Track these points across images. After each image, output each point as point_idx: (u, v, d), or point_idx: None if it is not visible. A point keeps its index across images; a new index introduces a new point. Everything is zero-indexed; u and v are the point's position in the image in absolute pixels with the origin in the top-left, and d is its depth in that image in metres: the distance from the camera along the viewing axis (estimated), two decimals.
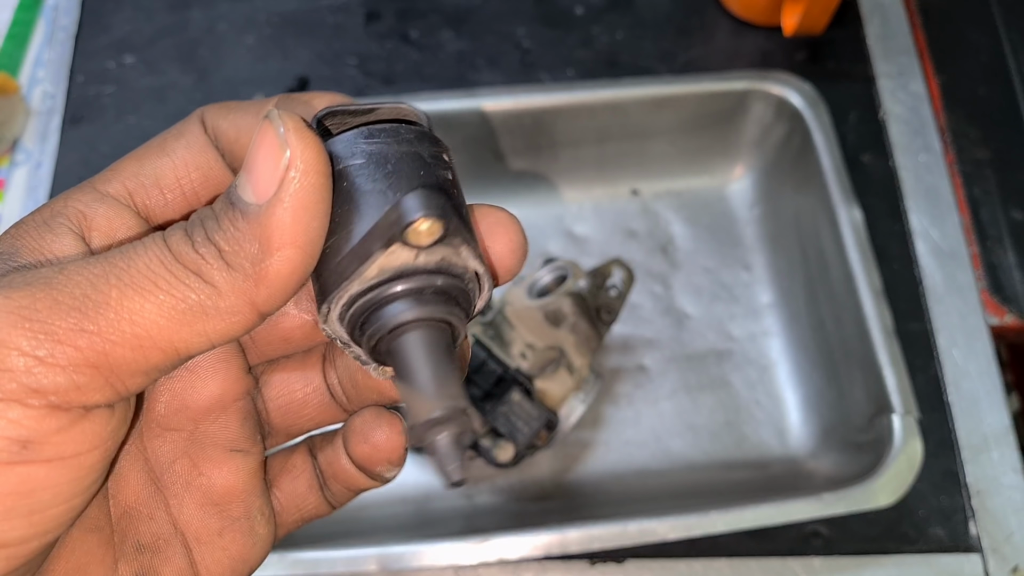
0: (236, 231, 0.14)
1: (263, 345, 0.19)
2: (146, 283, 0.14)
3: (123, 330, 0.14)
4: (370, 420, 0.18)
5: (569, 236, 0.54)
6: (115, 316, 0.14)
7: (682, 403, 0.49)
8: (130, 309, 0.14)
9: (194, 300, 0.14)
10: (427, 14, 0.57)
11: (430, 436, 0.15)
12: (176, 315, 0.14)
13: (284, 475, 0.19)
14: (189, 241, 0.14)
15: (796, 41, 0.55)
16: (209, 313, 0.14)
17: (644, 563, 0.42)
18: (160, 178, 0.17)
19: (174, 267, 0.14)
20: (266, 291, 0.14)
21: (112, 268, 0.14)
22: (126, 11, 0.57)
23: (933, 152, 0.52)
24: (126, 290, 0.14)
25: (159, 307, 0.14)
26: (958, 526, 0.43)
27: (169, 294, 0.14)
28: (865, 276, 0.45)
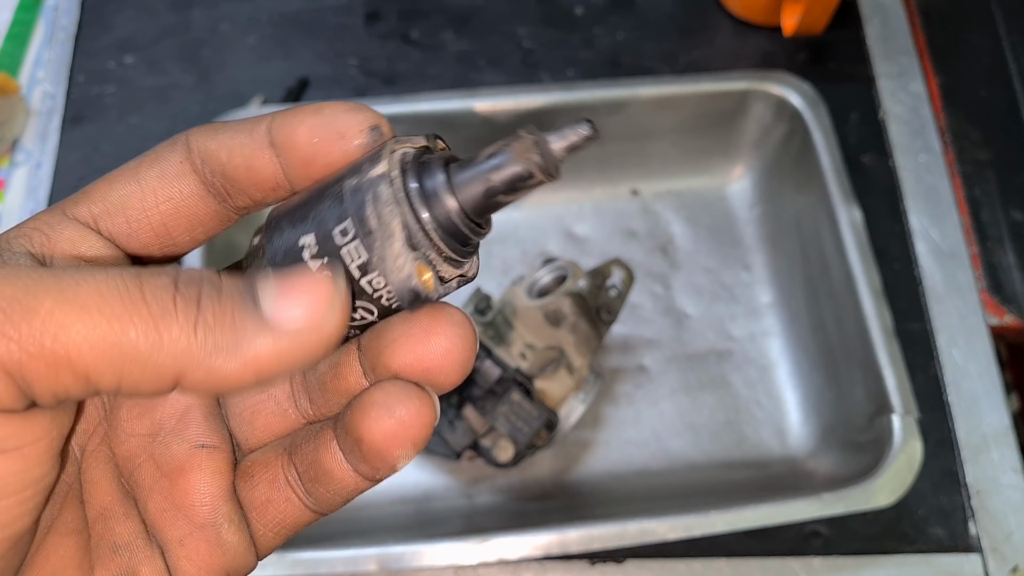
0: (229, 316, 0.14)
1: None
2: (89, 303, 0.13)
3: (43, 344, 0.13)
4: (397, 392, 0.16)
5: (569, 236, 0.54)
6: (40, 327, 0.13)
7: (682, 403, 0.49)
8: (58, 324, 0.13)
9: (131, 340, 0.13)
10: (429, 14, 0.57)
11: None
12: (103, 346, 0.13)
13: (259, 481, 0.18)
14: (172, 288, 0.14)
15: (796, 42, 0.55)
16: (138, 360, 0.13)
17: (644, 563, 0.42)
18: (126, 206, 0.16)
19: (131, 300, 0.13)
20: (201, 377, 0.14)
21: (57, 280, 0.13)
22: (127, 11, 0.57)
23: (933, 152, 0.52)
24: (63, 304, 0.13)
25: (89, 331, 0.13)
26: (958, 526, 0.43)
27: (108, 322, 0.13)
28: (865, 276, 0.45)
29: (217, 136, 0.17)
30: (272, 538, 0.18)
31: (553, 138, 0.15)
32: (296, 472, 0.18)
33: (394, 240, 0.15)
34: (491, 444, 0.41)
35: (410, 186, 0.15)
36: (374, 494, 0.47)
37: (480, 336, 0.41)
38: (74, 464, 0.17)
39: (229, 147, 0.17)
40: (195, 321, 0.13)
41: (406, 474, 0.47)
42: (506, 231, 0.54)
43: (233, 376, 0.14)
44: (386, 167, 0.15)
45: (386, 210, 0.15)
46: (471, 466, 0.47)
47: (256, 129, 0.17)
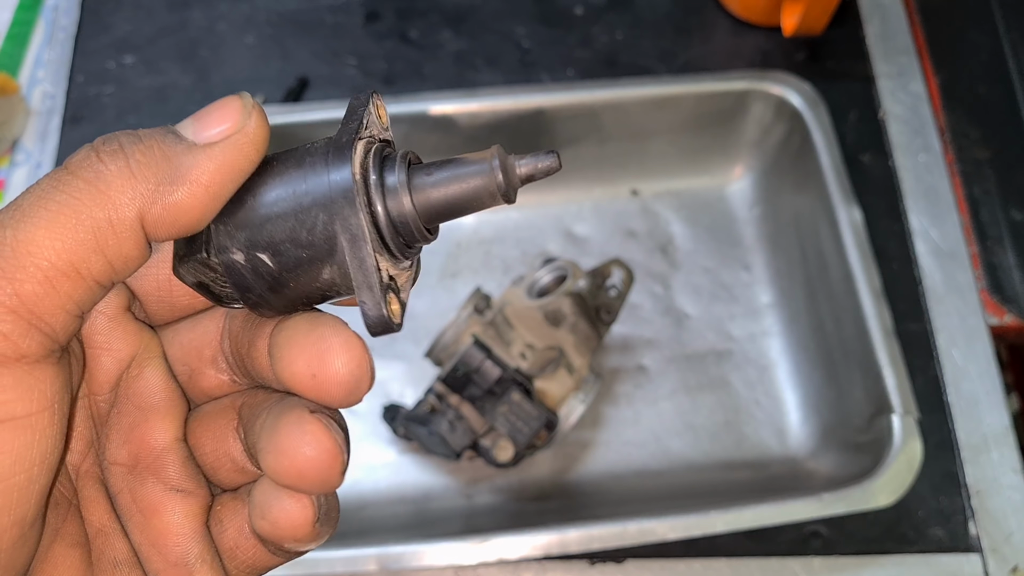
0: (157, 150, 0.15)
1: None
2: (38, 210, 0.14)
3: (24, 265, 0.13)
4: (270, 492, 0.16)
5: (569, 236, 0.54)
6: (12, 253, 0.13)
7: (682, 403, 0.49)
8: (25, 241, 0.13)
9: (86, 214, 0.14)
10: (427, 14, 0.57)
11: None
12: (69, 233, 0.14)
13: (228, 526, 0.18)
14: (93, 153, 0.14)
15: (796, 41, 0.55)
16: (104, 228, 0.14)
17: (643, 563, 0.42)
18: None
19: (68, 183, 0.14)
20: (160, 212, 0.14)
21: (6, 209, 0.14)
22: (126, 11, 0.57)
23: (933, 152, 0.52)
24: (19, 225, 0.13)
25: (50, 230, 0.14)
26: (958, 526, 0.43)
27: (59, 213, 0.14)
28: (865, 276, 0.45)
29: None
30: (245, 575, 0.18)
31: (518, 163, 0.15)
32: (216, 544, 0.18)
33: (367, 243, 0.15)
34: (491, 444, 0.41)
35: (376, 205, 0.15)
36: (374, 494, 0.47)
37: (480, 336, 0.41)
38: (71, 481, 0.18)
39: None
40: (127, 166, 0.14)
41: (406, 474, 0.47)
42: (506, 231, 0.54)
43: (188, 199, 0.14)
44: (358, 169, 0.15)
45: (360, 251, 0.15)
46: (471, 466, 0.47)
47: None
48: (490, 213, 0.55)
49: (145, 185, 0.14)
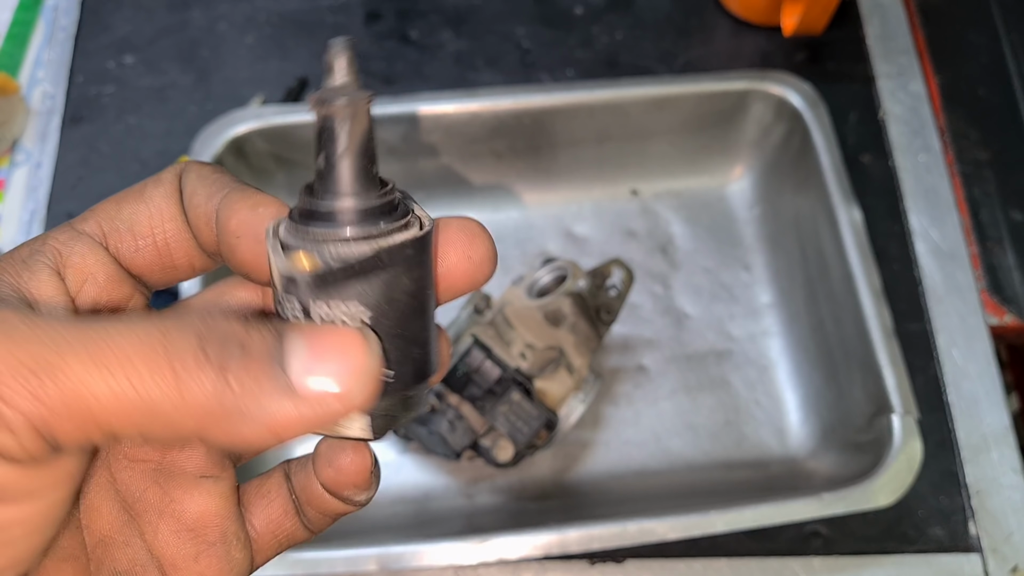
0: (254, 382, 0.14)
1: None
2: (113, 363, 0.13)
3: (69, 404, 0.13)
4: (335, 443, 0.18)
5: (569, 236, 0.54)
6: (67, 388, 0.13)
7: (682, 403, 0.49)
8: (82, 383, 0.13)
9: (154, 400, 0.13)
10: (427, 14, 0.57)
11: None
12: (127, 404, 0.13)
13: (259, 500, 0.19)
14: (197, 348, 0.13)
15: (796, 41, 0.55)
16: (160, 417, 0.13)
17: (644, 563, 0.42)
18: (135, 224, 0.17)
19: (155, 360, 0.13)
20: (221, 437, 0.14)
21: (83, 337, 0.13)
22: (126, 11, 0.57)
23: (933, 152, 0.52)
24: (88, 364, 0.13)
25: (112, 390, 0.13)
26: (958, 526, 0.43)
27: (131, 382, 0.13)
28: (865, 276, 0.45)
29: (208, 188, 0.17)
30: (270, 553, 0.19)
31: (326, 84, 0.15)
32: (295, 493, 0.19)
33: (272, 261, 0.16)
34: (491, 444, 0.41)
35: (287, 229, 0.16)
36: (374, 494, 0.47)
37: (480, 336, 0.41)
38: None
39: (188, 195, 0.17)
40: (218, 385, 0.13)
41: (406, 474, 0.47)
42: (506, 231, 0.54)
43: (252, 438, 0.14)
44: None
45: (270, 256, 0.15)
46: (471, 466, 0.47)
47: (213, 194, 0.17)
48: (490, 213, 0.55)
49: (222, 414, 0.13)
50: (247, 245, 0.16)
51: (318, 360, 0.14)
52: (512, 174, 0.54)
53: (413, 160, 0.51)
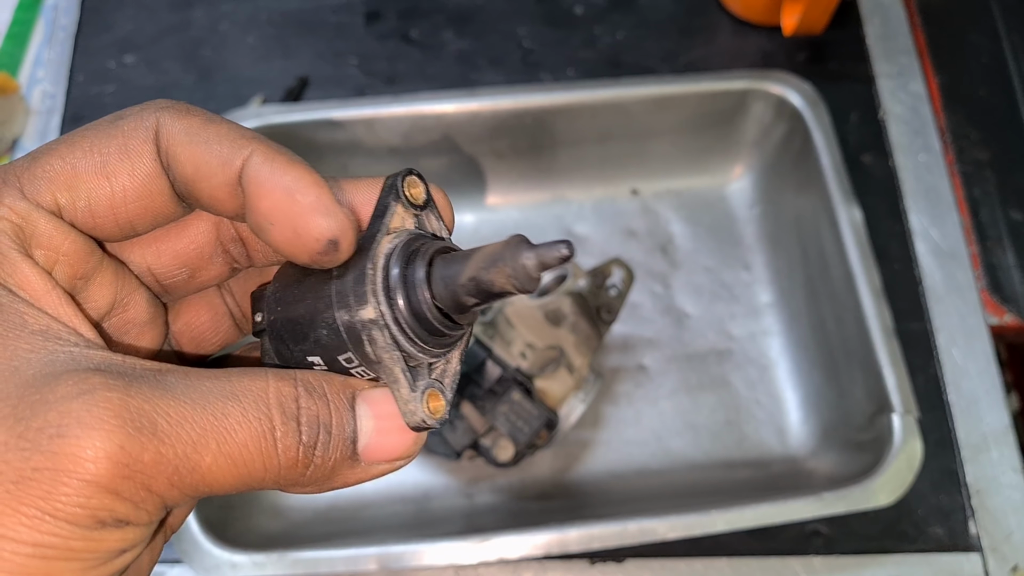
0: (332, 465, 0.16)
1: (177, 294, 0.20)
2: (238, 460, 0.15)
3: (199, 489, 0.15)
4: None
5: (569, 235, 0.54)
6: (201, 480, 0.15)
7: (682, 402, 0.50)
8: (214, 471, 0.15)
9: (261, 482, 0.15)
10: (429, 14, 0.57)
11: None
12: (241, 481, 0.15)
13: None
14: (298, 439, 0.15)
15: (796, 41, 0.55)
16: (255, 485, 0.16)
17: (644, 562, 0.42)
18: (94, 203, 0.16)
19: (269, 456, 0.15)
20: (295, 492, 0.17)
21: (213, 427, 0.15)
22: (127, 10, 0.57)
23: (933, 152, 0.52)
24: (219, 458, 0.15)
25: (232, 481, 0.15)
26: (958, 525, 0.44)
27: (249, 474, 0.15)
28: (865, 276, 0.45)
29: (190, 144, 0.16)
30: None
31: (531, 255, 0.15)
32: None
33: (400, 387, 0.16)
34: (491, 443, 0.41)
35: (400, 314, 0.16)
36: (375, 494, 0.47)
37: (481, 335, 0.41)
38: None
39: (197, 166, 0.16)
40: (307, 467, 0.16)
41: (406, 474, 0.47)
42: (506, 230, 0.54)
43: (314, 492, 0.17)
44: (375, 312, 0.16)
45: (385, 356, 0.16)
46: (471, 465, 0.47)
47: (230, 160, 0.16)
48: (491, 212, 0.55)
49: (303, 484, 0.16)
50: (281, 233, 0.16)
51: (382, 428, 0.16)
52: (513, 173, 0.54)
53: (415, 159, 0.51)
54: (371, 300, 0.16)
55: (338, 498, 0.47)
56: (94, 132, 0.16)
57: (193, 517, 0.39)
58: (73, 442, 0.13)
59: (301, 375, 0.16)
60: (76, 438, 0.13)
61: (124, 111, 0.16)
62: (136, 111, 0.16)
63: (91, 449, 0.13)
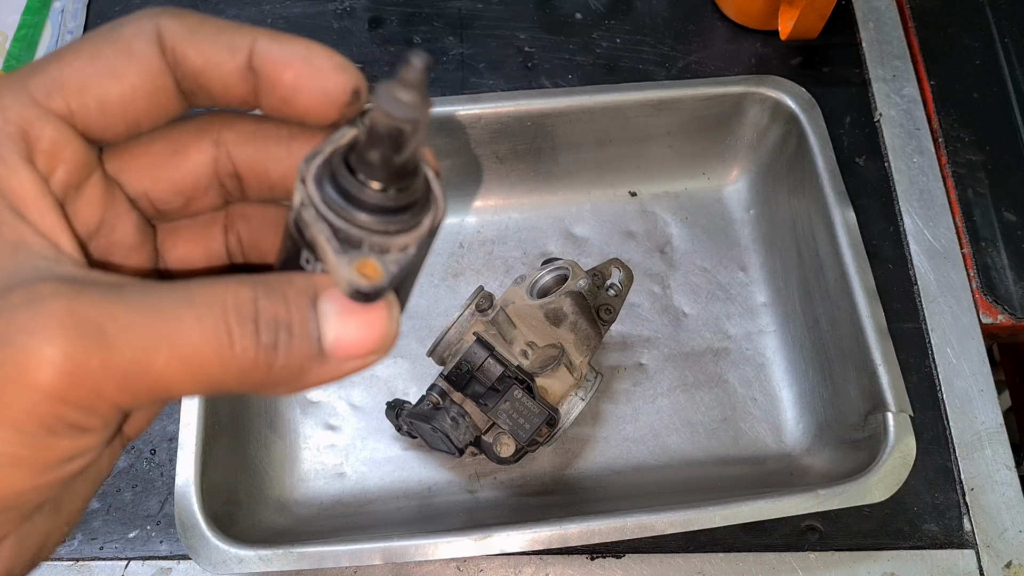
0: (298, 361, 0.16)
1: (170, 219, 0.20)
2: (193, 360, 0.15)
3: (154, 392, 0.15)
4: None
5: (569, 236, 0.55)
6: (154, 382, 0.15)
7: (680, 400, 0.50)
8: (168, 373, 0.15)
9: (220, 382, 0.15)
10: (430, 19, 0.57)
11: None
12: (199, 386, 0.15)
13: None
14: (255, 337, 0.15)
15: (792, 46, 0.56)
16: (217, 385, 0.15)
17: (642, 557, 0.43)
18: (105, 103, 0.16)
19: (224, 355, 0.15)
20: (264, 394, 0.16)
21: (166, 332, 0.15)
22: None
23: (927, 154, 0.53)
24: (174, 360, 0.15)
25: (190, 381, 0.15)
26: (952, 522, 0.44)
27: (206, 373, 0.15)
28: (859, 276, 0.46)
29: (195, 40, 0.17)
30: None
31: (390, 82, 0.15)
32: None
33: (327, 255, 0.16)
34: (493, 440, 0.41)
35: (327, 194, 0.16)
36: (378, 489, 0.48)
37: (483, 334, 0.42)
38: None
39: (206, 57, 0.17)
40: (270, 368, 0.15)
41: (410, 470, 0.48)
42: (507, 232, 0.55)
43: (284, 393, 0.16)
44: (302, 193, 0.16)
45: (313, 231, 0.16)
46: (473, 462, 0.48)
47: (237, 47, 0.17)
48: (492, 214, 0.55)
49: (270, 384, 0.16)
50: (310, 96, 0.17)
51: (347, 324, 0.16)
52: (514, 176, 0.55)
53: None
54: (300, 188, 0.16)
55: (343, 494, 0.47)
56: (96, 40, 0.17)
57: (199, 513, 0.40)
58: (18, 350, 0.13)
59: (262, 278, 0.16)
60: (21, 346, 0.14)
61: (119, 20, 0.17)
62: (133, 18, 0.17)
63: (35, 357, 0.13)
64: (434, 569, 0.43)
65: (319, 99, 0.17)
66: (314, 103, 0.17)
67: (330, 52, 0.17)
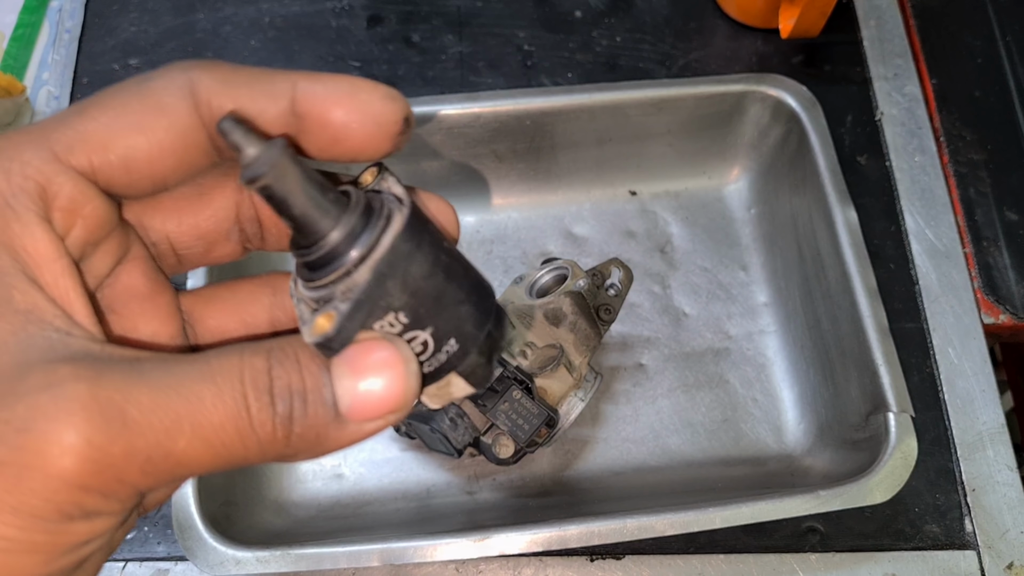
0: (314, 431, 0.16)
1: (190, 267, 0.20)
2: (213, 440, 0.15)
3: (174, 473, 0.15)
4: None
5: (568, 236, 0.55)
6: (176, 464, 0.15)
7: (680, 401, 0.50)
8: (189, 454, 0.15)
9: (241, 459, 0.15)
10: (429, 18, 0.57)
11: None
12: (219, 461, 0.15)
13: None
14: (271, 412, 0.15)
15: (793, 44, 0.56)
16: (237, 463, 0.15)
17: (642, 559, 0.43)
18: (130, 159, 0.16)
19: (244, 433, 0.15)
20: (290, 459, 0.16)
21: (187, 412, 0.14)
22: (130, 14, 0.58)
23: (928, 153, 0.53)
24: (193, 441, 0.14)
25: (208, 460, 0.15)
26: (953, 523, 0.44)
27: (227, 451, 0.15)
28: (860, 276, 0.45)
29: (231, 91, 0.16)
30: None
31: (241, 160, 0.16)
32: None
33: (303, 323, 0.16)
34: (492, 441, 0.41)
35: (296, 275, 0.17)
36: (377, 491, 0.47)
37: None
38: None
39: (245, 107, 0.16)
40: (288, 438, 0.15)
41: (408, 471, 0.48)
42: (506, 231, 0.55)
43: (306, 460, 0.16)
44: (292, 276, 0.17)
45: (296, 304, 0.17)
46: (472, 463, 0.48)
47: (278, 93, 0.16)
48: (491, 214, 0.55)
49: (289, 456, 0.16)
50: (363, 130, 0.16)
51: (360, 384, 0.15)
52: (513, 175, 0.54)
53: (415, 162, 0.52)
54: None
55: (341, 495, 0.47)
56: (124, 93, 0.16)
57: (196, 514, 0.40)
58: (39, 436, 0.13)
59: (277, 343, 0.16)
60: (42, 432, 0.13)
61: (149, 73, 0.16)
62: (163, 71, 0.16)
63: (57, 445, 0.13)
64: (433, 571, 0.42)
65: (372, 132, 0.16)
66: (367, 137, 0.16)
67: (373, 83, 0.17)
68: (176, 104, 0.16)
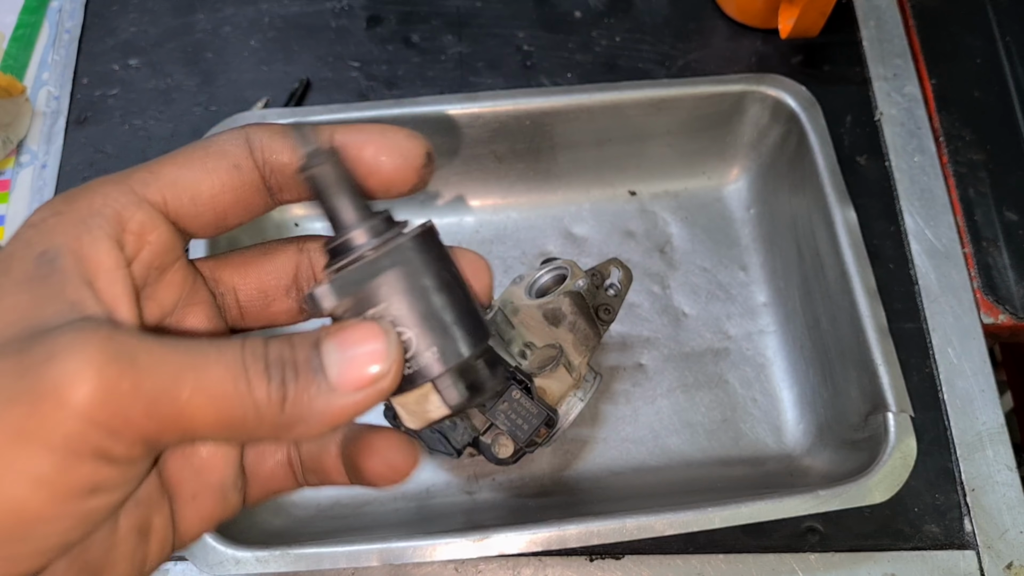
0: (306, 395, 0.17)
1: (251, 321, 0.22)
2: (215, 393, 0.16)
3: (179, 425, 0.16)
4: (393, 442, 0.21)
5: (568, 236, 0.55)
6: (179, 413, 0.16)
7: (679, 401, 0.50)
8: (192, 406, 0.16)
9: (240, 420, 0.16)
10: (429, 18, 0.57)
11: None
12: (221, 424, 0.16)
13: (269, 459, 0.22)
14: (266, 377, 0.17)
15: (792, 44, 0.56)
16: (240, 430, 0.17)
17: (642, 559, 0.43)
18: (197, 195, 0.19)
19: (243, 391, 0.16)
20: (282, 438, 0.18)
21: (191, 365, 0.16)
22: (130, 14, 0.58)
23: (927, 154, 0.53)
24: (198, 392, 0.16)
25: (212, 416, 0.16)
26: (953, 523, 0.44)
27: (228, 409, 0.16)
28: (860, 276, 0.45)
29: (281, 139, 0.20)
30: (262, 499, 0.22)
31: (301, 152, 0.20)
32: (300, 459, 0.21)
33: None
34: (491, 441, 0.41)
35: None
36: (376, 491, 0.47)
37: None
38: None
39: (293, 151, 0.19)
40: (282, 403, 0.17)
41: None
42: (506, 231, 0.55)
43: (313, 433, 0.17)
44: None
45: None
46: (472, 463, 0.48)
47: (320, 140, 0.20)
48: (490, 214, 0.55)
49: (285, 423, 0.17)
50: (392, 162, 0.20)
51: (347, 355, 0.17)
52: (512, 175, 0.54)
53: None
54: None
55: (341, 495, 0.47)
56: (193, 147, 0.19)
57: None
58: (56, 368, 0.15)
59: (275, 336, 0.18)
60: (59, 363, 0.15)
61: (215, 135, 0.20)
62: (225, 131, 0.20)
63: (72, 374, 0.15)
64: (432, 571, 0.42)
65: (399, 165, 0.20)
66: (395, 169, 0.20)
67: (397, 127, 0.20)
68: (235, 150, 0.19)
